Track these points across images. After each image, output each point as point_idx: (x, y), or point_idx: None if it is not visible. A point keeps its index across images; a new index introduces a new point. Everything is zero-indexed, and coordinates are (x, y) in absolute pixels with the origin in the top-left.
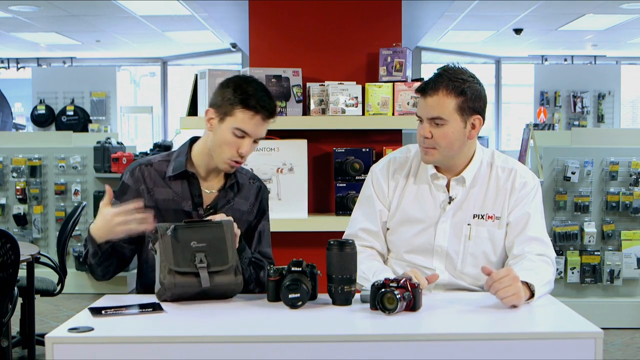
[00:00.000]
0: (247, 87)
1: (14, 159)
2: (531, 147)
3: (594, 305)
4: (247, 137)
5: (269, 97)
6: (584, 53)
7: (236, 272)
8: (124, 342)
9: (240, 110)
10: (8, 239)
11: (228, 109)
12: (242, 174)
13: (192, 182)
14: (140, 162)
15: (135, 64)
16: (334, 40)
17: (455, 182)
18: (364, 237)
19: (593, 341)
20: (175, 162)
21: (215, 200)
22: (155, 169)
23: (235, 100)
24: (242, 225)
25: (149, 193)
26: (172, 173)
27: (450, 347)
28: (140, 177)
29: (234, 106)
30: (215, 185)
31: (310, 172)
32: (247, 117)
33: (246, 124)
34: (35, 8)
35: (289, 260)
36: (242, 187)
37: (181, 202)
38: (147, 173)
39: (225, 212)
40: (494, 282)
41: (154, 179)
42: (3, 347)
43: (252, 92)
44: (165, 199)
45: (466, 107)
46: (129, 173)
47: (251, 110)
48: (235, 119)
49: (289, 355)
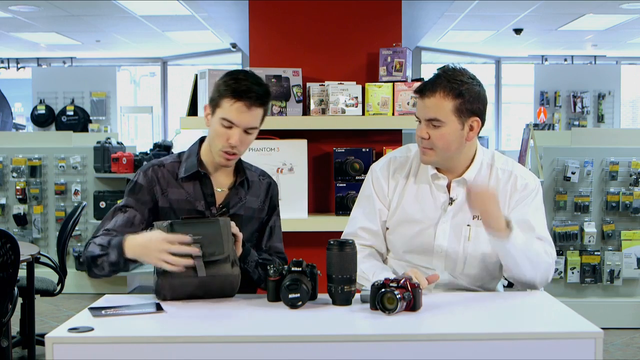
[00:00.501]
0: (234, 77)
1: (14, 159)
2: (531, 147)
3: (594, 305)
4: (235, 126)
5: (257, 84)
6: (584, 53)
7: (233, 264)
8: (124, 342)
9: (225, 100)
10: (8, 239)
11: (217, 101)
12: (251, 171)
13: (204, 182)
14: (153, 163)
15: (135, 64)
16: (334, 40)
17: (456, 184)
18: (364, 236)
19: (593, 341)
20: (186, 162)
21: (227, 198)
22: (168, 170)
23: (221, 91)
24: (254, 223)
25: (163, 194)
26: (184, 174)
27: (450, 347)
28: (155, 178)
29: (220, 97)
30: (226, 182)
31: (310, 172)
32: (230, 105)
33: (230, 112)
34: (35, 8)
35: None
36: (253, 185)
37: (194, 202)
38: (161, 174)
39: (237, 210)
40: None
41: (167, 179)
42: (3, 347)
43: (235, 81)
44: (178, 199)
45: (464, 109)
46: (142, 173)
47: (233, 98)
48: (222, 109)
49: (289, 355)
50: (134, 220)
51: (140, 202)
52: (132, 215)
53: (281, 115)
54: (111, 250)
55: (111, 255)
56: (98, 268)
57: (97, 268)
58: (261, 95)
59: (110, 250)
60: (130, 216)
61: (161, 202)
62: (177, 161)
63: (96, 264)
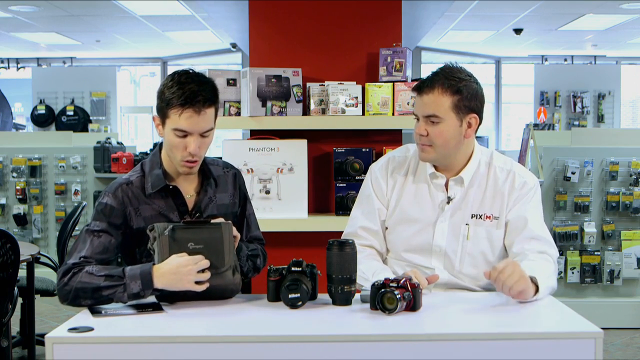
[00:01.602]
0: (176, 81)
1: (14, 159)
2: (531, 147)
3: (594, 305)
4: (189, 134)
5: (200, 84)
6: (584, 53)
7: (234, 272)
8: (124, 342)
9: (172, 111)
10: (8, 239)
11: (164, 112)
12: (215, 166)
13: (173, 192)
14: (120, 182)
15: (135, 64)
16: (334, 40)
17: (453, 182)
18: (364, 235)
19: (593, 341)
20: (151, 176)
21: (197, 202)
22: (136, 186)
23: (165, 103)
24: (228, 218)
25: (136, 214)
26: (152, 190)
27: (450, 347)
28: (125, 198)
29: (167, 107)
30: (192, 186)
31: (310, 172)
32: (178, 116)
33: (180, 122)
34: (35, 8)
35: (289, 260)
36: (219, 180)
37: (168, 215)
38: (131, 193)
39: (211, 211)
40: (498, 274)
41: (138, 196)
42: (3, 347)
43: (178, 87)
44: (152, 215)
45: (462, 106)
46: (111, 195)
47: (181, 107)
48: (171, 120)
49: (289, 355)
50: (109, 246)
51: (113, 225)
52: (107, 240)
53: (281, 115)
54: (130, 281)
55: (132, 287)
56: (100, 300)
57: (97, 300)
58: (209, 96)
59: (129, 282)
60: (104, 242)
61: (136, 223)
62: (141, 174)
63: (101, 295)
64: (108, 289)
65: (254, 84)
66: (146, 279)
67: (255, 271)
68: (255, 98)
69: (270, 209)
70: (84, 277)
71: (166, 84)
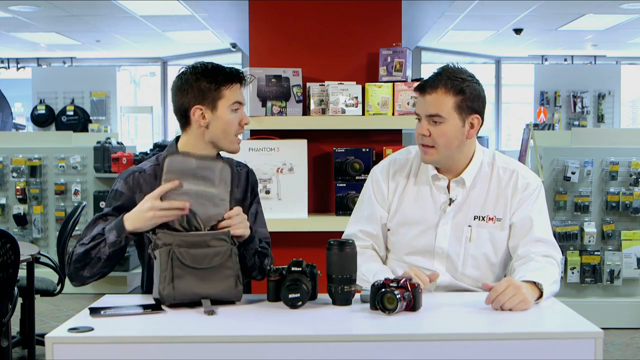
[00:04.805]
0: (209, 67)
1: (14, 159)
2: (531, 147)
3: (594, 305)
4: (241, 106)
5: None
6: (584, 53)
7: (237, 282)
8: (124, 342)
9: (225, 89)
10: (8, 239)
11: (215, 95)
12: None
13: None
14: (133, 170)
15: (135, 64)
16: (334, 40)
17: (455, 184)
18: (364, 237)
19: (593, 341)
20: None
21: None
22: (149, 174)
23: (216, 84)
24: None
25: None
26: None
27: (450, 347)
28: (136, 185)
29: (218, 89)
30: None
31: (310, 172)
32: (234, 90)
33: (237, 95)
34: (35, 8)
35: (289, 260)
36: (233, 176)
37: None
38: (142, 180)
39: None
40: (498, 296)
41: (150, 184)
42: (3, 347)
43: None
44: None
45: (465, 106)
46: (123, 181)
47: (230, 84)
48: (226, 98)
49: (289, 355)
50: None
51: (121, 210)
52: None
53: (281, 115)
54: (108, 233)
55: (109, 237)
56: (91, 263)
57: (89, 264)
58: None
59: (107, 234)
60: None
61: None
62: (156, 164)
63: (90, 257)
64: (94, 249)
65: (254, 84)
66: (119, 226)
67: (260, 272)
68: (255, 98)
69: (270, 209)
70: (77, 249)
71: (195, 75)
